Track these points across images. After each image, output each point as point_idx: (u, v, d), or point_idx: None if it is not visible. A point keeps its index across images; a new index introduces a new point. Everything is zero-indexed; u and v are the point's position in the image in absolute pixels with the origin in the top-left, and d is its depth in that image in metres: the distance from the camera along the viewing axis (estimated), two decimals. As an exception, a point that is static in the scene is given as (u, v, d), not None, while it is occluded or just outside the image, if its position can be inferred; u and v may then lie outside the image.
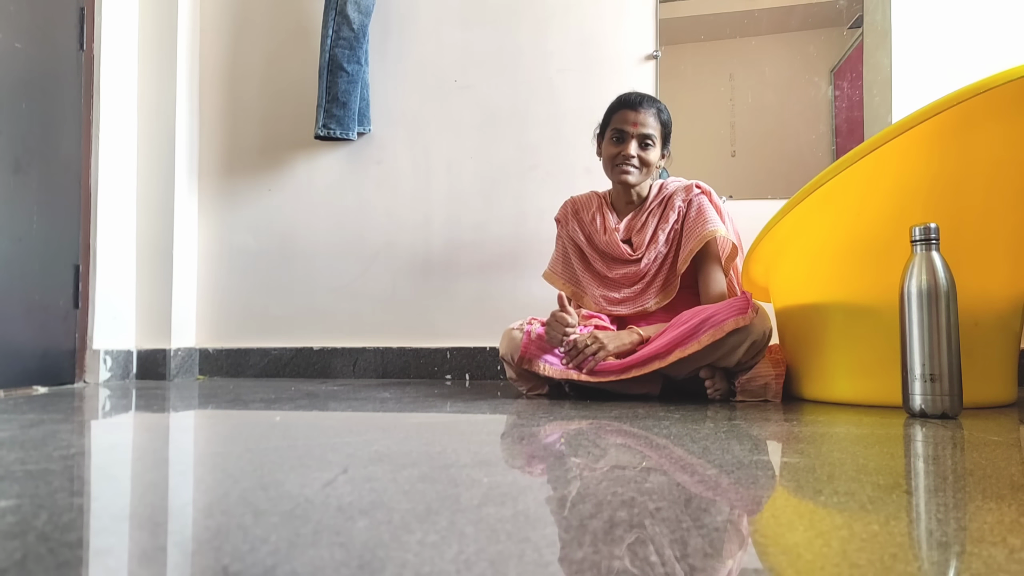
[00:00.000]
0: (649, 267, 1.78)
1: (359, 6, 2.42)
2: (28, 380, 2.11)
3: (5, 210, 2.05)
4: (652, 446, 0.96)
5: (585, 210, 1.89)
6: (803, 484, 0.72)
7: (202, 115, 2.68)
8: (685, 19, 2.33)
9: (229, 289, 2.63)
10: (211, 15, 2.69)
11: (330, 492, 0.67)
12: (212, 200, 2.66)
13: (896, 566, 0.46)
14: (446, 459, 0.85)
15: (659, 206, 1.81)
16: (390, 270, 2.51)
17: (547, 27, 2.43)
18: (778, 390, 1.61)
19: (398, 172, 2.52)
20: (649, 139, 1.74)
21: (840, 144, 2.21)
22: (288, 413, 1.38)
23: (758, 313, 1.57)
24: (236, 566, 0.46)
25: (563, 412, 1.37)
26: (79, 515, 0.60)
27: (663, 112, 1.78)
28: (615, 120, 1.77)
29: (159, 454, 0.96)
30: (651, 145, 1.75)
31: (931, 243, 1.29)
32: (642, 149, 1.75)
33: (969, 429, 1.13)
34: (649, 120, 1.74)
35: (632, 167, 1.75)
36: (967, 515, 0.59)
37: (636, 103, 1.75)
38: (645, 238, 1.79)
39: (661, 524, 0.56)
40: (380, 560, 0.47)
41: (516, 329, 1.75)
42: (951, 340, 1.26)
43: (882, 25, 2.20)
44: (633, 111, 1.74)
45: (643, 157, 1.75)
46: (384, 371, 2.47)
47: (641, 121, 1.73)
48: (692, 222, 1.75)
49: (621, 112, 1.76)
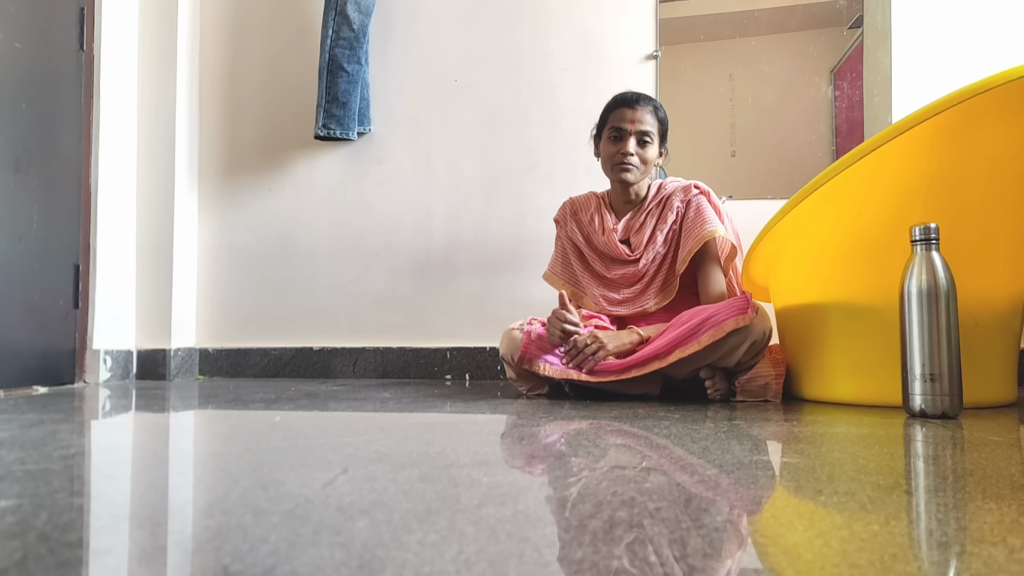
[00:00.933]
0: (648, 267, 1.78)
1: (359, 6, 2.42)
2: (28, 380, 2.11)
3: (5, 210, 2.05)
4: (652, 446, 0.96)
5: (584, 210, 1.89)
6: (803, 484, 0.72)
7: (202, 115, 2.68)
8: (685, 19, 2.33)
9: (229, 289, 2.63)
10: (211, 15, 2.69)
11: (330, 492, 0.67)
12: (212, 200, 2.66)
13: (896, 566, 0.46)
14: (446, 459, 0.85)
15: (657, 206, 1.81)
16: (390, 270, 2.51)
17: (547, 27, 2.43)
18: (778, 390, 1.61)
19: (398, 172, 2.52)
20: (647, 136, 1.74)
21: (840, 144, 2.21)
22: (288, 413, 1.38)
23: (758, 313, 1.57)
24: (236, 566, 0.46)
25: (563, 412, 1.37)
26: (79, 515, 0.60)
27: (659, 110, 1.78)
28: (612, 119, 1.77)
29: (159, 454, 0.96)
30: (649, 142, 1.75)
31: (931, 243, 1.29)
32: (640, 147, 1.75)
33: (969, 429, 1.13)
34: (646, 117, 1.74)
35: (631, 165, 1.75)
36: (967, 515, 0.59)
37: (633, 101, 1.75)
38: (643, 238, 1.79)
39: (661, 524, 0.56)
40: (380, 560, 0.47)
41: (516, 329, 1.75)
42: (951, 340, 1.26)
43: (882, 25, 2.20)
44: (630, 109, 1.74)
45: (641, 155, 1.75)
46: (384, 371, 2.47)
47: (639, 119, 1.73)
48: (691, 222, 1.75)
49: (618, 111, 1.76)
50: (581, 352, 1.63)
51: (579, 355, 1.63)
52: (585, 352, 1.62)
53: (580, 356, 1.63)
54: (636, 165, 1.75)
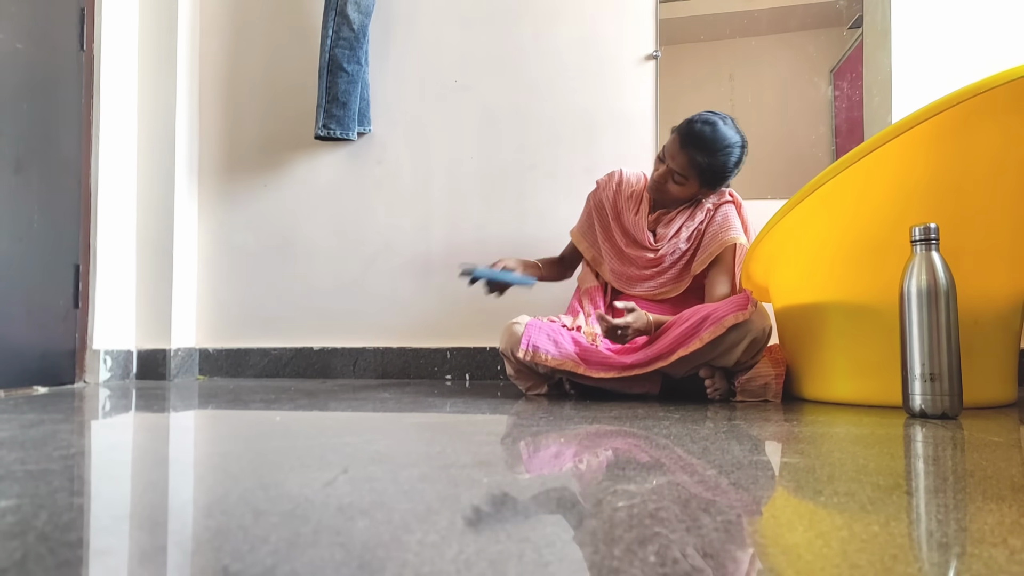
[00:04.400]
0: (665, 258, 1.83)
1: (359, 6, 2.42)
2: (28, 380, 2.11)
3: (5, 210, 2.05)
4: (652, 446, 0.96)
5: (627, 186, 1.93)
6: (803, 484, 0.72)
7: (202, 115, 2.68)
8: (685, 19, 2.33)
9: (229, 289, 2.63)
10: (211, 15, 2.69)
11: (330, 492, 0.67)
12: (212, 200, 2.66)
13: (896, 567, 0.46)
14: (446, 459, 0.85)
15: (690, 205, 1.86)
16: (390, 270, 2.51)
17: (547, 27, 2.43)
18: (778, 390, 1.62)
19: (398, 172, 2.52)
20: (680, 176, 1.76)
21: (840, 144, 2.21)
22: (288, 413, 1.38)
23: (757, 307, 1.58)
24: (236, 566, 0.46)
25: (563, 412, 1.37)
26: (79, 515, 0.60)
27: (705, 166, 1.72)
28: (668, 142, 1.78)
29: (159, 454, 0.96)
30: (681, 182, 1.77)
31: (931, 243, 1.29)
32: (674, 182, 1.77)
33: (969, 429, 1.13)
34: (685, 164, 1.74)
35: (658, 191, 1.80)
36: (967, 516, 0.59)
37: (683, 142, 1.73)
38: (669, 232, 1.83)
39: (660, 524, 0.56)
40: (380, 560, 0.47)
41: (516, 323, 1.75)
42: (951, 340, 1.26)
43: (882, 25, 2.20)
44: (677, 147, 1.74)
45: (673, 189, 1.78)
46: (384, 371, 2.47)
47: (678, 160, 1.74)
48: (716, 227, 1.80)
49: (673, 138, 1.77)
50: (618, 334, 1.62)
51: (617, 336, 1.63)
52: (619, 335, 1.62)
53: (618, 336, 1.62)
54: (663, 193, 1.79)
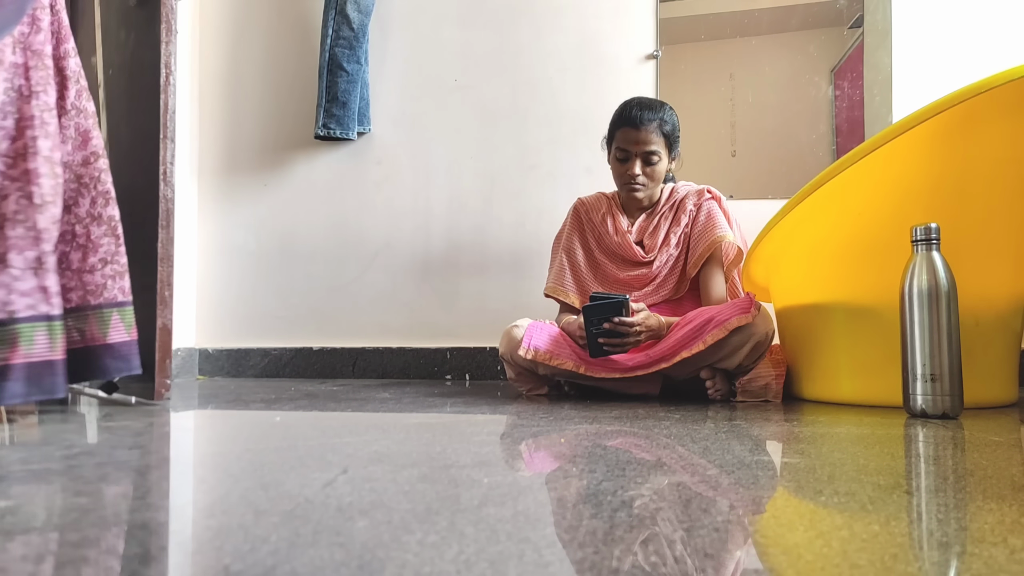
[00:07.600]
0: (661, 269, 1.81)
1: (359, 6, 2.42)
2: (28, 380, 2.11)
3: (5, 210, 2.05)
4: (652, 446, 0.96)
5: (595, 211, 1.90)
6: (804, 484, 0.72)
7: (202, 115, 2.68)
8: (685, 19, 2.33)
9: (229, 289, 2.63)
10: (211, 15, 2.69)
11: (330, 492, 0.67)
12: (212, 200, 2.65)
13: (897, 566, 0.46)
14: (446, 459, 0.85)
15: (671, 209, 1.84)
16: (390, 270, 2.51)
17: (547, 27, 2.43)
18: (778, 390, 1.62)
19: (398, 172, 2.52)
20: (653, 155, 1.75)
21: (840, 144, 2.21)
22: (288, 413, 1.38)
23: (760, 311, 1.58)
24: (237, 566, 0.46)
25: (563, 412, 1.37)
26: (79, 515, 0.60)
27: (666, 123, 1.75)
28: (618, 138, 1.77)
29: (159, 454, 0.96)
30: (656, 161, 1.76)
31: (932, 243, 1.29)
32: (647, 165, 1.76)
33: (970, 429, 1.13)
34: (652, 137, 1.73)
35: (639, 185, 1.77)
36: (968, 515, 0.59)
37: (637, 122, 1.73)
38: (658, 241, 1.81)
39: (661, 524, 0.56)
40: (380, 560, 0.47)
41: (516, 326, 1.75)
42: (952, 340, 1.26)
43: (882, 25, 2.20)
44: (635, 130, 1.73)
45: (649, 172, 1.76)
46: (384, 371, 2.47)
47: (643, 140, 1.73)
48: (702, 227, 1.79)
49: (623, 131, 1.75)
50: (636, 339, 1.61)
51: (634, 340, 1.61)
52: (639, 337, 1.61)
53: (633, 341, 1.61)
54: (644, 184, 1.77)
